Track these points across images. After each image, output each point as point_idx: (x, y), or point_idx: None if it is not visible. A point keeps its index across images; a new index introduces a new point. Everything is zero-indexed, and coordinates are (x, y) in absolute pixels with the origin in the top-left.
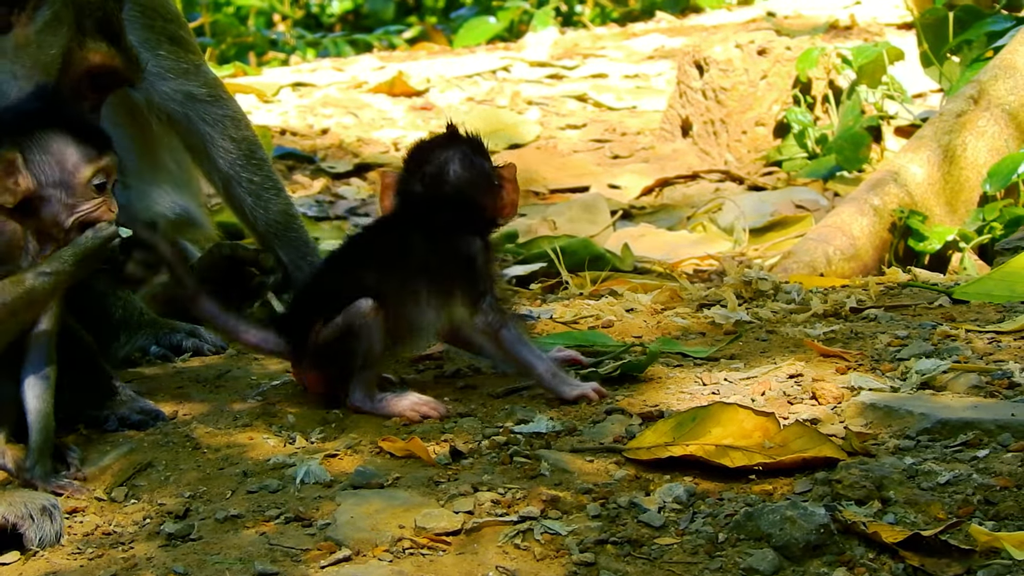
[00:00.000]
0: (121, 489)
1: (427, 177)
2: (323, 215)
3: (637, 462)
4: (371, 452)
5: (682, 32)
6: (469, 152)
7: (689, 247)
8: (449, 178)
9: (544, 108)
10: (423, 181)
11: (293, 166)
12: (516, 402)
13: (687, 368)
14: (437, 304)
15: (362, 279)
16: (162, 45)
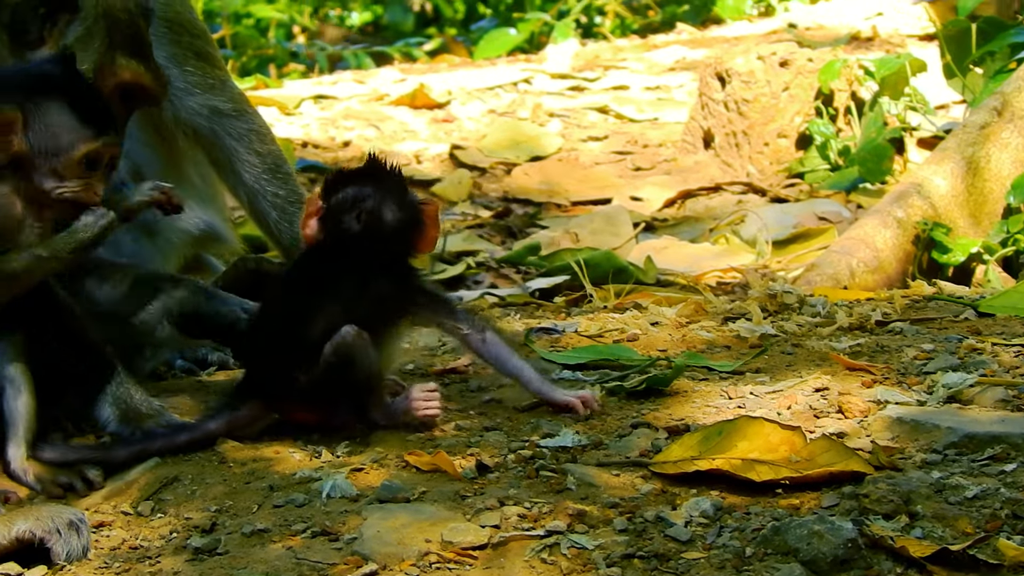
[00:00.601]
0: (147, 503)
1: (364, 215)
2: None
3: (664, 476)
4: (397, 466)
5: (703, 44)
6: (401, 190)
7: (712, 259)
8: (386, 218)
9: (565, 120)
10: (359, 219)
11: (315, 179)
12: (542, 416)
13: (713, 382)
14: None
15: (326, 315)
16: (189, 61)
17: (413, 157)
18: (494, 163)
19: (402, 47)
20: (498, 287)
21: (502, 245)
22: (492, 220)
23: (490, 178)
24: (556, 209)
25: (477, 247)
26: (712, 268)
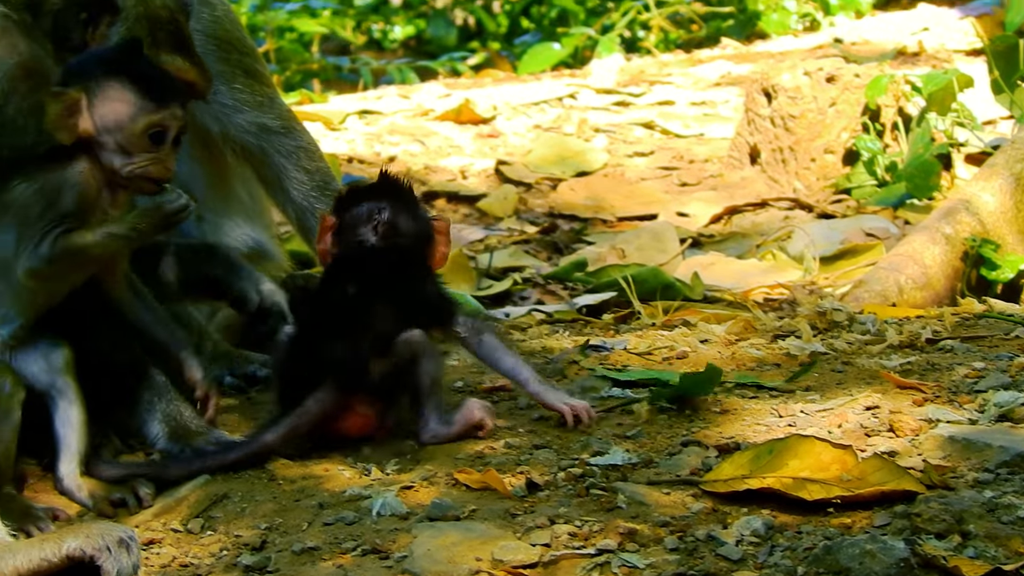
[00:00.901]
0: (197, 521)
1: (380, 227)
2: None
3: (714, 495)
4: (447, 484)
5: (748, 59)
6: (413, 205)
7: (759, 275)
8: (402, 230)
9: (611, 135)
10: (376, 230)
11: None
12: (592, 434)
13: (763, 400)
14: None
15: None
16: (237, 78)
17: (458, 172)
18: (540, 178)
19: (447, 61)
20: (545, 303)
21: (548, 261)
22: (538, 236)
23: (536, 193)
24: (602, 225)
25: (523, 263)
26: (759, 284)
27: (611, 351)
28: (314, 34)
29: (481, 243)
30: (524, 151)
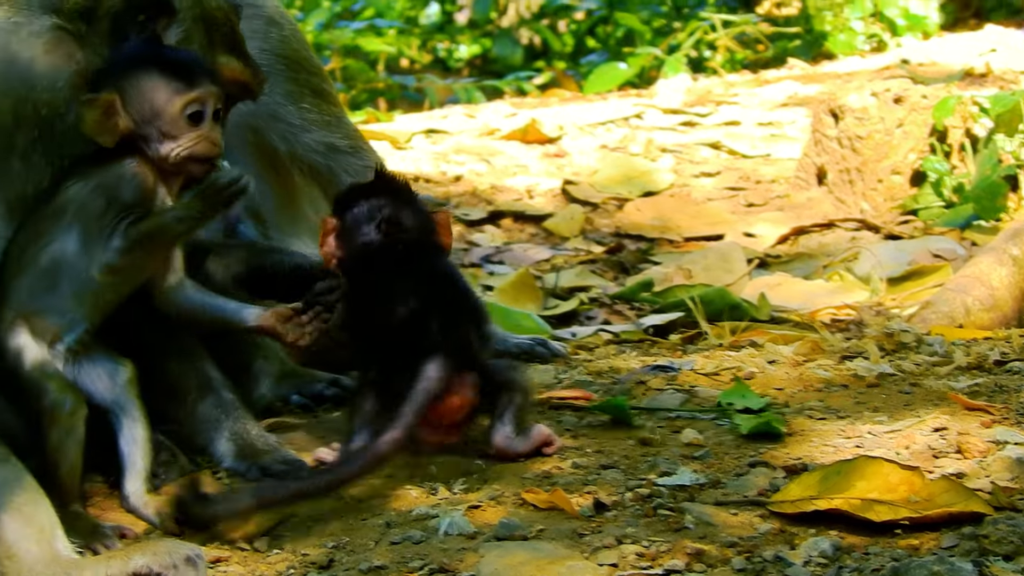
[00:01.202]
0: (264, 539)
1: (383, 224)
2: (457, 262)
3: (782, 515)
4: (514, 503)
5: (815, 79)
6: (411, 199)
7: (826, 296)
8: (405, 225)
9: (678, 156)
10: (379, 228)
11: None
12: (659, 454)
13: (830, 421)
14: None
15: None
16: (305, 98)
17: (525, 192)
18: (606, 198)
19: (512, 81)
20: (612, 323)
21: (615, 281)
22: (604, 256)
23: (602, 213)
24: (669, 245)
25: (590, 283)
26: (826, 305)
27: (678, 372)
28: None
29: (547, 263)
30: (591, 171)
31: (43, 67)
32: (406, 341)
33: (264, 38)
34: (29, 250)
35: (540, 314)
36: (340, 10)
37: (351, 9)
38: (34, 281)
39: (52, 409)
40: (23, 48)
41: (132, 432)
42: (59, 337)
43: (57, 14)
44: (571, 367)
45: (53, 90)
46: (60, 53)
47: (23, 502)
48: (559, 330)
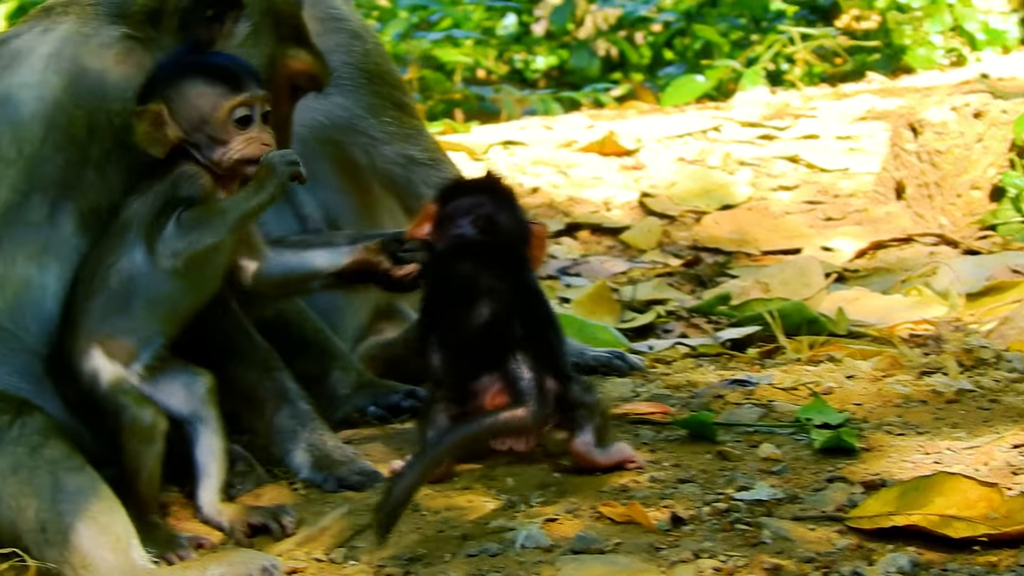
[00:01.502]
0: (340, 550)
1: (480, 219)
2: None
3: (860, 531)
4: (591, 517)
5: (894, 93)
6: (513, 205)
7: (904, 311)
8: (502, 225)
9: (755, 169)
10: (475, 224)
11: None
12: (737, 468)
13: (909, 436)
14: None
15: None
16: (387, 111)
17: (602, 204)
18: (684, 211)
19: (590, 92)
20: (689, 337)
21: (692, 294)
22: (682, 269)
23: (679, 226)
24: (746, 258)
25: (667, 296)
26: (904, 320)
27: (756, 386)
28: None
29: (624, 275)
30: (668, 183)
31: (115, 77)
32: (486, 347)
33: (348, 52)
34: (98, 273)
35: (617, 327)
36: (417, 21)
37: (428, 20)
38: (105, 303)
39: (131, 424)
40: (94, 59)
41: (208, 443)
42: (135, 356)
43: (124, 21)
44: (648, 380)
45: (125, 100)
46: (131, 63)
47: (99, 511)
48: (636, 343)
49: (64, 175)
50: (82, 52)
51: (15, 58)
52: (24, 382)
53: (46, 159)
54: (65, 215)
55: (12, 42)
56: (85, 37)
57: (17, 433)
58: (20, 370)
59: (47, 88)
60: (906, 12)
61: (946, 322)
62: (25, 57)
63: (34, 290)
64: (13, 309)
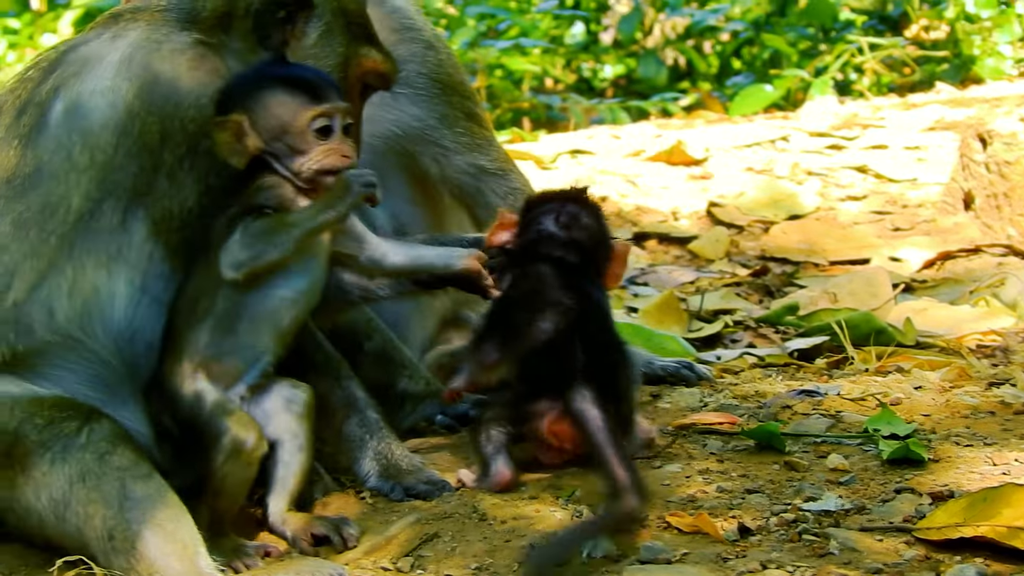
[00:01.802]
0: (407, 559)
1: (564, 217)
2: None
3: (927, 542)
4: (658, 527)
5: (962, 103)
6: (599, 218)
7: (972, 322)
8: (585, 225)
9: (824, 179)
10: (557, 220)
11: None
12: (805, 479)
13: (977, 448)
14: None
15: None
16: (459, 121)
17: (670, 214)
18: (752, 221)
19: (658, 102)
20: (756, 347)
21: (760, 304)
22: (749, 278)
23: (747, 236)
24: (814, 268)
25: (734, 306)
26: (972, 331)
27: (824, 396)
28: (525, 72)
29: (692, 285)
30: (736, 193)
31: (188, 84)
32: (547, 368)
33: (422, 62)
34: (202, 301)
35: (685, 336)
36: (485, 29)
37: (497, 28)
38: (212, 327)
39: (231, 447)
40: (165, 65)
41: (294, 457)
42: (240, 377)
43: (195, 27)
44: (716, 390)
45: (199, 107)
46: (204, 69)
47: (166, 518)
48: (704, 353)
49: (136, 182)
50: (153, 58)
51: (85, 65)
52: (93, 390)
53: (118, 166)
54: (137, 222)
55: (80, 49)
56: (156, 43)
57: (85, 440)
58: (89, 378)
59: (118, 95)
60: (975, 22)
61: (1014, 333)
62: (95, 64)
63: (103, 297)
64: (82, 317)
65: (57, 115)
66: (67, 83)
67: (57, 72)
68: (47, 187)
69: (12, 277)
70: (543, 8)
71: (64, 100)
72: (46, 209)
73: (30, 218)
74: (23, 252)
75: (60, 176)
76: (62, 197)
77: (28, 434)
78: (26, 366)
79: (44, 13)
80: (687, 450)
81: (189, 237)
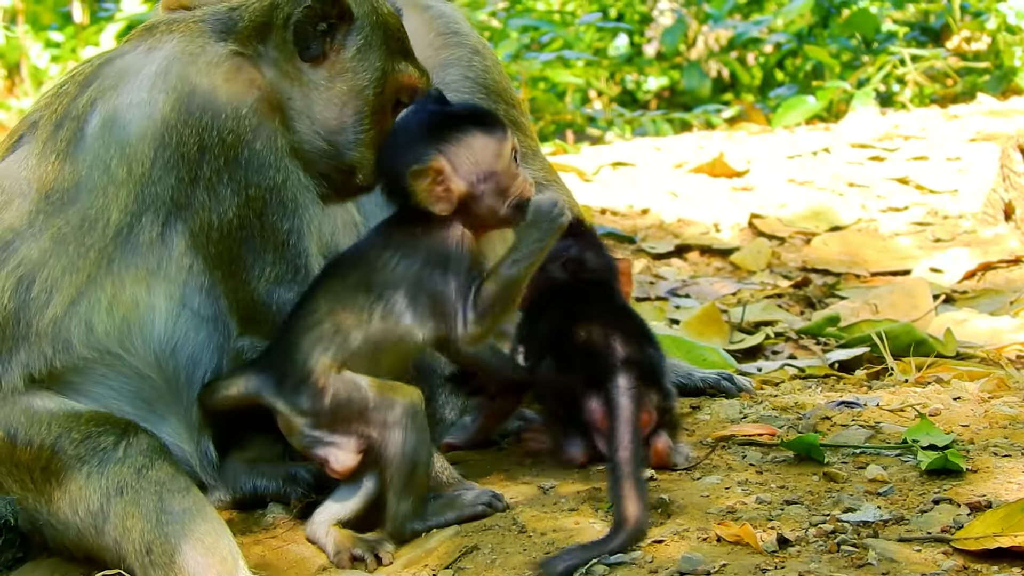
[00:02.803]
0: (447, 572)
1: (569, 263)
2: (643, 296)
3: (965, 552)
4: (697, 538)
5: (1003, 115)
6: (598, 246)
7: (1012, 333)
8: (589, 266)
9: (865, 190)
10: (564, 267)
11: (614, 246)
12: (843, 490)
13: (1015, 458)
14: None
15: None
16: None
17: (712, 225)
18: (793, 232)
19: (701, 114)
20: (797, 358)
21: (801, 315)
22: (791, 290)
23: (789, 247)
24: (855, 280)
25: (775, 317)
26: (1012, 342)
27: (863, 407)
28: (568, 84)
29: (733, 296)
30: (778, 204)
31: (225, 95)
32: (590, 368)
33: (468, 67)
34: (348, 319)
35: (726, 348)
36: (529, 41)
37: (540, 40)
38: (354, 351)
39: (406, 410)
40: (203, 78)
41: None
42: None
43: (232, 38)
44: (756, 402)
45: (237, 117)
46: (241, 80)
47: (204, 532)
48: (744, 364)
49: (175, 194)
50: (190, 70)
51: (121, 78)
52: (131, 406)
53: (156, 179)
54: (176, 235)
55: (116, 62)
56: (192, 56)
57: (123, 454)
58: (128, 394)
59: (155, 107)
60: (1016, 33)
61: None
62: (132, 76)
63: (143, 312)
64: (121, 332)
65: (94, 129)
66: (104, 96)
67: (94, 85)
68: (85, 201)
69: (51, 292)
70: (586, 20)
71: (101, 113)
72: (85, 223)
73: (69, 233)
74: (62, 267)
75: (98, 190)
76: (100, 211)
77: (65, 448)
78: (64, 382)
79: (87, 26)
80: (727, 461)
81: (228, 249)
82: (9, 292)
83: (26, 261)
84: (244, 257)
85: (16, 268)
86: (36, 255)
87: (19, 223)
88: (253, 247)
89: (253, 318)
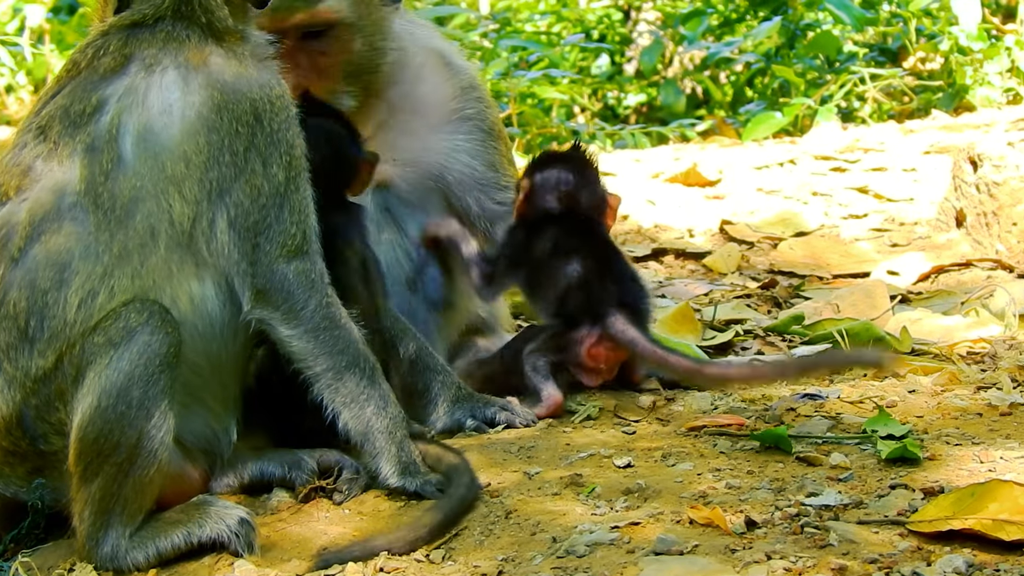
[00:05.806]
0: (438, 551)
1: (564, 197)
2: None
3: (919, 534)
4: (671, 521)
5: (955, 129)
6: (594, 176)
7: (963, 331)
8: (581, 201)
9: (828, 198)
10: (559, 199)
11: None
12: (807, 476)
13: (966, 447)
14: None
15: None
16: (500, 165)
17: (686, 231)
18: (761, 238)
19: (676, 127)
20: (765, 353)
21: (768, 314)
22: (759, 291)
23: (757, 251)
24: (818, 281)
25: (745, 316)
26: (963, 339)
27: (825, 399)
28: (553, 100)
29: (706, 297)
30: (747, 212)
31: (256, 72)
32: (582, 299)
33: (482, 120)
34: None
35: (699, 344)
36: (517, 60)
37: (527, 60)
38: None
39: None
40: (228, 68)
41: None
42: None
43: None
44: (726, 394)
45: (280, 85)
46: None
47: None
48: (716, 359)
49: (228, 172)
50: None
51: (137, 94)
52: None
53: (214, 162)
54: (221, 220)
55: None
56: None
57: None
58: (179, 388)
59: (193, 104)
60: (967, 54)
61: (1001, 341)
62: (151, 91)
63: (196, 304)
64: (180, 328)
65: (131, 146)
66: (129, 112)
67: (110, 113)
68: (144, 210)
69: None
70: (571, 41)
71: (132, 133)
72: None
73: (132, 248)
74: (128, 275)
75: (158, 195)
76: (160, 216)
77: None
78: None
79: None
80: (699, 449)
81: (263, 219)
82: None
83: (93, 276)
84: (272, 226)
85: (83, 286)
86: (100, 270)
87: (76, 245)
88: (282, 216)
89: (267, 289)
